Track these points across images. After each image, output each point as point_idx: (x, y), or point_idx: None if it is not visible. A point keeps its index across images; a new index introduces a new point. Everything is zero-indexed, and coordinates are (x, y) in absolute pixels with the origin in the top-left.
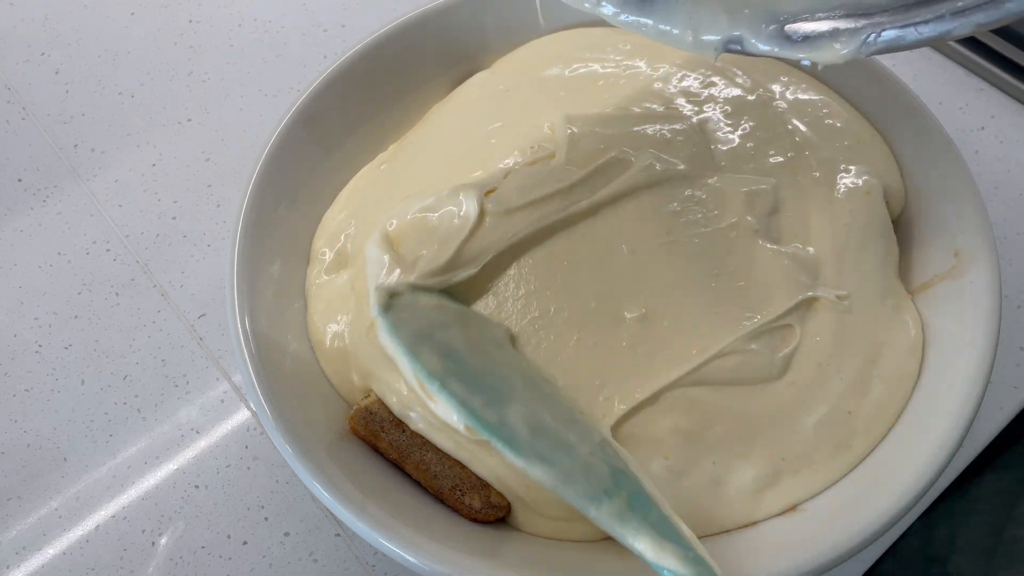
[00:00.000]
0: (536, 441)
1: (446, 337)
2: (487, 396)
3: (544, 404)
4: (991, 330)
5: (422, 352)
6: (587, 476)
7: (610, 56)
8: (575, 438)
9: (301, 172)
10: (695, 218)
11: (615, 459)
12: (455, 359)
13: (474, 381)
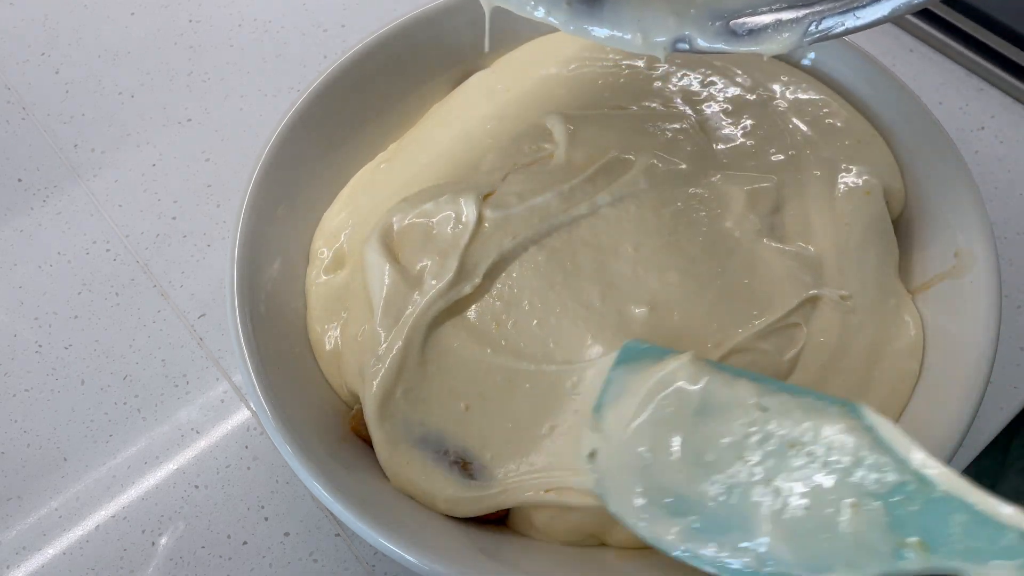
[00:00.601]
0: (800, 550)
1: (667, 481)
2: (735, 535)
3: (785, 474)
4: (991, 330)
5: (662, 526)
6: (868, 549)
7: (609, 56)
8: (831, 495)
9: (301, 172)
10: (698, 217)
11: (884, 473)
12: (689, 509)
13: (717, 525)
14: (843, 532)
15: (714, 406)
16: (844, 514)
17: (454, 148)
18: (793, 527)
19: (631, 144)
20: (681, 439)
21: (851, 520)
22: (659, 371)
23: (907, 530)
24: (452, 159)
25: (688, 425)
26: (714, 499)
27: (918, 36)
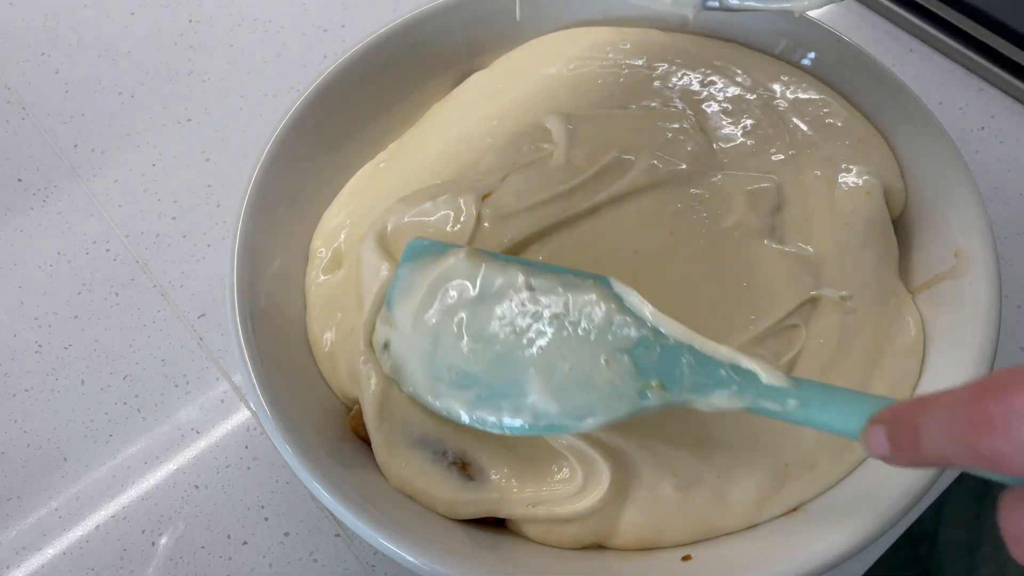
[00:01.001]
0: (565, 403)
1: (450, 362)
2: (510, 400)
3: (546, 339)
4: (991, 330)
5: (452, 406)
6: (619, 395)
7: (609, 55)
8: (588, 354)
9: (301, 172)
10: (699, 218)
11: (628, 328)
12: (470, 383)
13: (493, 393)
14: (599, 384)
15: (490, 290)
16: (599, 369)
17: (453, 148)
18: (559, 385)
19: (631, 144)
20: (462, 322)
21: (605, 373)
22: (440, 266)
23: (649, 375)
24: (451, 159)
25: (468, 309)
26: (492, 371)
27: (918, 36)
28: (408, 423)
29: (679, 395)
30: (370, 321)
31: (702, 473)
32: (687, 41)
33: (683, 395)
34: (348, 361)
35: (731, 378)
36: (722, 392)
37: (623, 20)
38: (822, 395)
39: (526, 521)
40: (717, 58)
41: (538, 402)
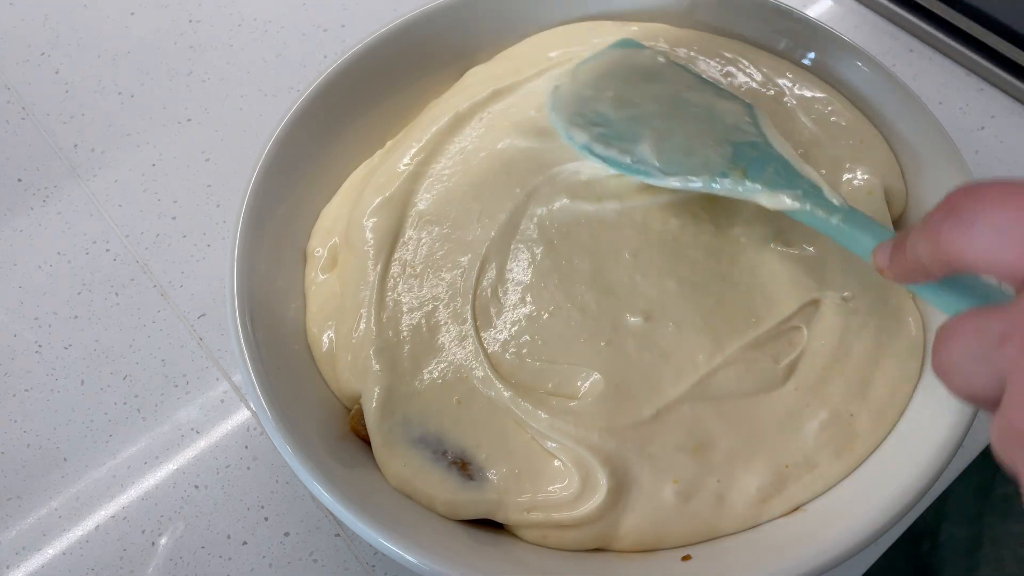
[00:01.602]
0: (663, 158)
1: (597, 107)
2: (623, 144)
3: (680, 118)
4: None
5: (574, 129)
6: (707, 167)
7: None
8: (703, 135)
9: (301, 172)
10: (704, 226)
11: (746, 133)
12: (601, 122)
13: (615, 135)
14: (697, 154)
15: (655, 76)
16: (704, 145)
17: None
18: (667, 147)
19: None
20: (619, 87)
21: (707, 149)
22: (628, 56)
23: (739, 162)
24: None
25: (629, 80)
26: (622, 121)
27: (918, 36)
28: (408, 422)
29: (754, 185)
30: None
31: (703, 478)
32: (692, 35)
33: (757, 186)
34: (348, 361)
35: (800, 186)
36: (789, 192)
37: (624, 14)
38: (860, 221)
39: (522, 526)
40: (727, 49)
41: (645, 152)
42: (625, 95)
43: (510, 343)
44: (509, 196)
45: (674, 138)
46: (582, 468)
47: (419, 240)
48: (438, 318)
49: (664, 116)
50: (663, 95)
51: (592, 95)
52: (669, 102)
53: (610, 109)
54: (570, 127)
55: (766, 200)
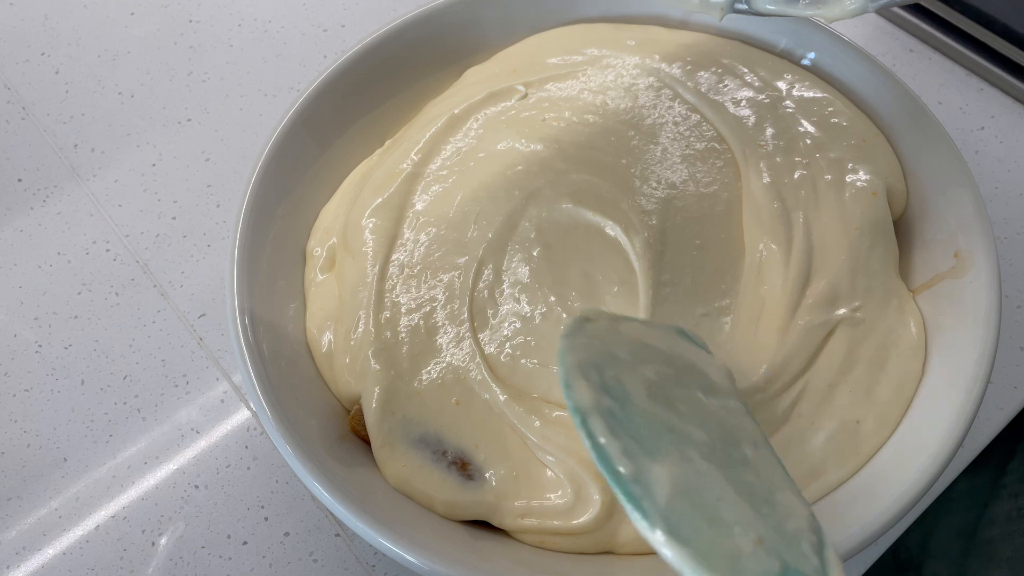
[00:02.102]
0: (675, 508)
1: (624, 375)
2: (636, 446)
3: (725, 476)
4: (991, 330)
5: (579, 381)
6: (735, 567)
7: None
8: (747, 518)
9: (301, 172)
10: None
11: (805, 560)
12: (618, 398)
13: (628, 426)
14: (722, 538)
15: (716, 404)
16: (740, 535)
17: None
18: (690, 494)
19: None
20: (664, 374)
21: (741, 542)
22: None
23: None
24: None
25: (682, 381)
26: (646, 416)
27: (918, 36)
28: (408, 422)
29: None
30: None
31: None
32: (689, 38)
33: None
34: (347, 363)
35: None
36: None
37: (623, 18)
38: None
39: (518, 532)
40: (725, 55)
41: (654, 476)
42: (668, 391)
43: (505, 344)
44: (508, 198)
45: (706, 495)
46: (574, 481)
47: (417, 241)
48: (436, 319)
49: (705, 455)
50: (714, 427)
51: (627, 360)
52: (722, 444)
53: (639, 392)
54: (575, 373)
55: None
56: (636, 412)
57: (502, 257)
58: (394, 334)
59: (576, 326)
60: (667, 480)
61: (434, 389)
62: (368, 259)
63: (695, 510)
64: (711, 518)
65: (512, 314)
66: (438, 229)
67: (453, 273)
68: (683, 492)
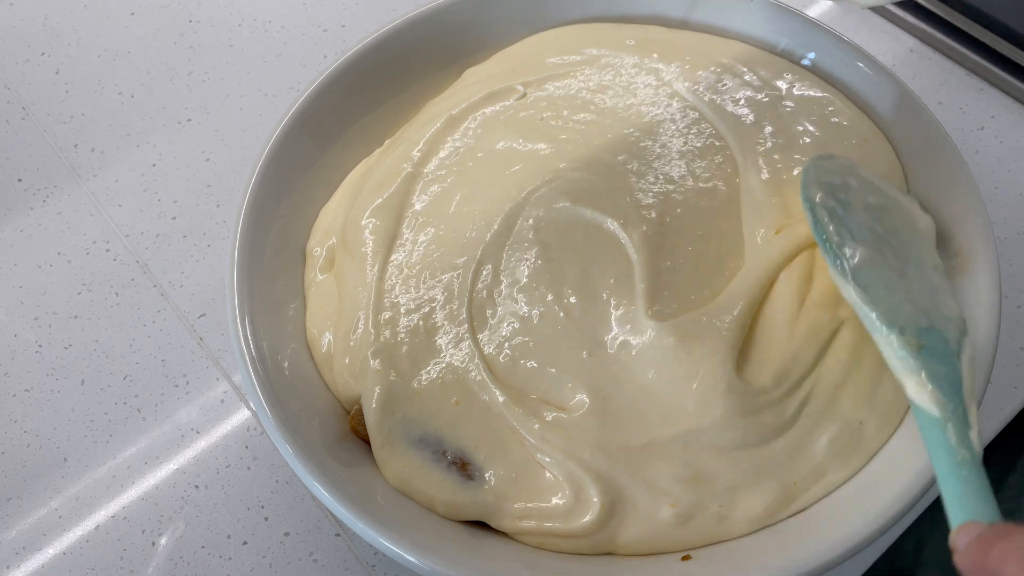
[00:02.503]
0: (864, 271)
1: (851, 196)
2: (846, 231)
3: (909, 267)
4: (991, 330)
5: (813, 186)
6: (893, 311)
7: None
8: (917, 293)
9: (301, 172)
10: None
11: (945, 331)
12: (842, 204)
13: (844, 221)
14: (895, 297)
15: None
16: (905, 299)
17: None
18: (878, 267)
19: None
20: (867, 194)
21: (906, 304)
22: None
23: (923, 338)
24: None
25: (880, 201)
26: (859, 216)
27: (918, 36)
28: (408, 422)
29: (917, 363)
30: (376, 323)
31: (703, 502)
32: (689, 38)
33: (919, 364)
34: (346, 364)
35: (954, 403)
36: (940, 395)
37: (623, 17)
38: (978, 479)
39: (517, 533)
40: (724, 55)
41: (857, 253)
42: (883, 214)
43: (504, 345)
44: (506, 197)
45: (890, 273)
46: (574, 483)
47: (416, 241)
48: (435, 319)
49: (898, 256)
50: (911, 244)
51: (856, 187)
52: (912, 252)
53: (859, 207)
54: (813, 182)
55: (912, 383)
56: (853, 217)
57: (500, 257)
58: (394, 334)
59: (816, 161)
60: (863, 255)
61: (434, 389)
62: (367, 259)
63: (878, 276)
64: (887, 284)
65: (511, 314)
66: (437, 229)
67: (452, 273)
68: (872, 265)
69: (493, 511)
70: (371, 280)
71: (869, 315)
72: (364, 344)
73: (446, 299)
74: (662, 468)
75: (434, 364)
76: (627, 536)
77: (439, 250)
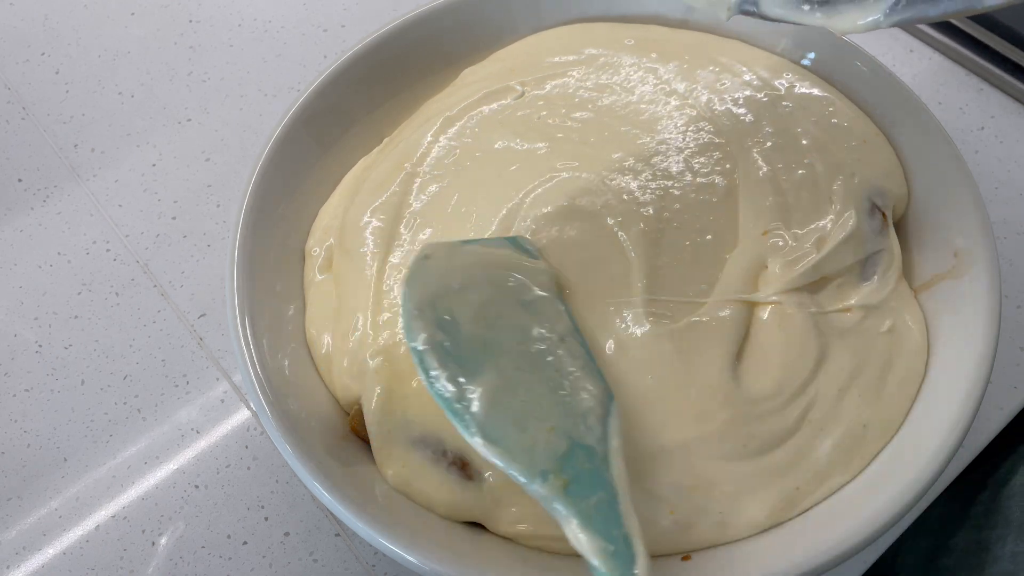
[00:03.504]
0: (491, 418)
1: (454, 306)
2: (460, 370)
3: (533, 378)
4: (991, 330)
5: (416, 323)
6: (530, 456)
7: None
8: (544, 411)
9: (301, 172)
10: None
11: (585, 436)
12: (449, 330)
13: (455, 354)
14: (526, 436)
15: (533, 304)
16: (538, 430)
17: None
18: (502, 406)
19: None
20: (489, 294)
21: (540, 436)
22: (526, 266)
23: (566, 470)
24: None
25: (504, 292)
26: (470, 342)
27: (918, 36)
28: (408, 422)
29: (567, 509)
30: (375, 324)
31: (703, 510)
32: (688, 38)
33: (562, 506)
34: (345, 366)
35: (614, 539)
36: (600, 540)
37: (623, 17)
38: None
39: (515, 538)
40: (723, 54)
41: (474, 395)
42: (491, 309)
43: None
44: (504, 198)
45: (514, 399)
46: None
47: (414, 241)
48: None
49: (516, 363)
50: (527, 334)
51: (458, 289)
52: (530, 346)
53: (466, 318)
54: (415, 316)
55: (568, 532)
56: (463, 339)
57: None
58: (393, 335)
59: (416, 267)
60: (485, 395)
61: None
62: (366, 260)
63: (505, 415)
64: (516, 419)
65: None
66: (435, 230)
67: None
68: (496, 403)
69: (492, 512)
70: (370, 281)
71: (508, 472)
72: (363, 345)
73: None
74: (660, 476)
75: None
76: None
77: None
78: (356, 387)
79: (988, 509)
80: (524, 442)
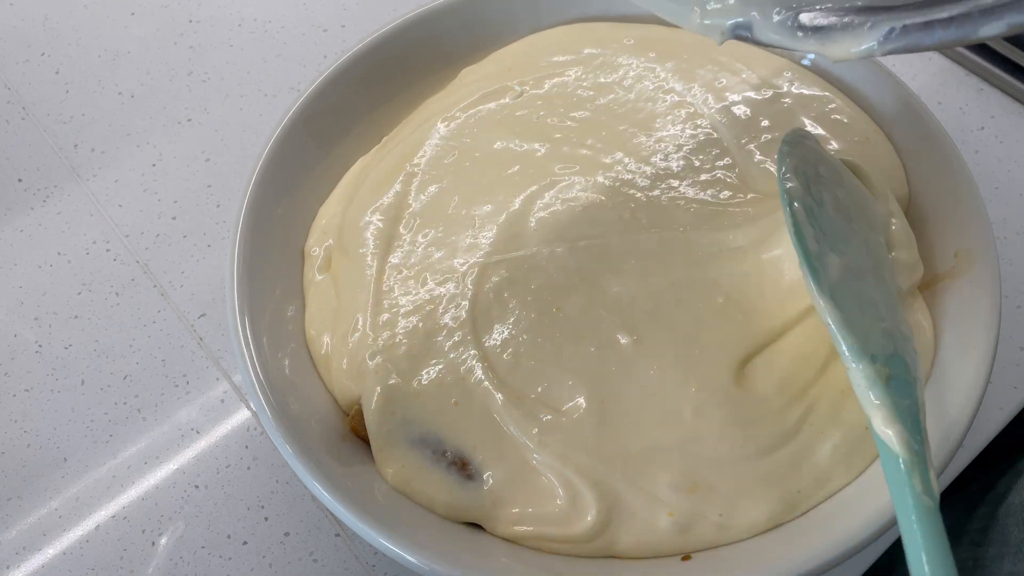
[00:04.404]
0: (840, 285)
1: (822, 189)
2: (823, 236)
3: (871, 278)
4: (991, 330)
5: (794, 178)
6: (866, 336)
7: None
8: (884, 316)
9: (301, 172)
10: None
11: (905, 354)
12: (817, 201)
13: (820, 222)
14: (864, 319)
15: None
16: (874, 320)
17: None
18: (850, 282)
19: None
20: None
21: (875, 326)
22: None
23: (891, 366)
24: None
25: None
26: (835, 220)
27: None
28: (408, 423)
29: (884, 397)
30: (375, 324)
31: (702, 511)
32: (688, 37)
33: (886, 401)
34: (344, 367)
35: (917, 441)
36: (906, 436)
37: (623, 17)
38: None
39: (515, 538)
40: (722, 53)
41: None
42: (847, 211)
43: (504, 344)
44: (503, 198)
45: (859, 288)
46: (570, 489)
47: (414, 242)
48: (434, 320)
49: (860, 264)
50: (871, 249)
51: (825, 178)
52: (871, 259)
53: (829, 203)
54: (791, 171)
55: (880, 418)
56: (825, 216)
57: (500, 258)
58: (392, 335)
59: (796, 138)
60: (837, 264)
61: (433, 390)
62: (365, 261)
63: (851, 293)
64: (859, 303)
65: (510, 315)
66: (435, 230)
67: (451, 275)
68: (845, 279)
69: (491, 513)
70: (369, 282)
71: (841, 342)
72: (362, 346)
73: (445, 300)
74: (659, 476)
75: (433, 364)
76: (626, 542)
77: (438, 251)
78: (356, 387)
79: (986, 526)
80: (863, 322)
